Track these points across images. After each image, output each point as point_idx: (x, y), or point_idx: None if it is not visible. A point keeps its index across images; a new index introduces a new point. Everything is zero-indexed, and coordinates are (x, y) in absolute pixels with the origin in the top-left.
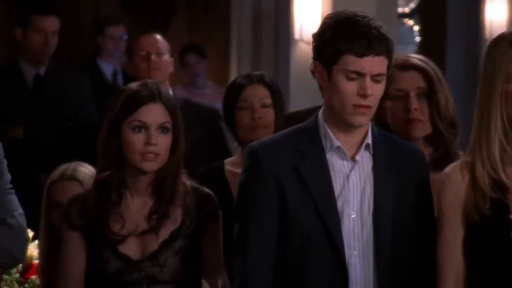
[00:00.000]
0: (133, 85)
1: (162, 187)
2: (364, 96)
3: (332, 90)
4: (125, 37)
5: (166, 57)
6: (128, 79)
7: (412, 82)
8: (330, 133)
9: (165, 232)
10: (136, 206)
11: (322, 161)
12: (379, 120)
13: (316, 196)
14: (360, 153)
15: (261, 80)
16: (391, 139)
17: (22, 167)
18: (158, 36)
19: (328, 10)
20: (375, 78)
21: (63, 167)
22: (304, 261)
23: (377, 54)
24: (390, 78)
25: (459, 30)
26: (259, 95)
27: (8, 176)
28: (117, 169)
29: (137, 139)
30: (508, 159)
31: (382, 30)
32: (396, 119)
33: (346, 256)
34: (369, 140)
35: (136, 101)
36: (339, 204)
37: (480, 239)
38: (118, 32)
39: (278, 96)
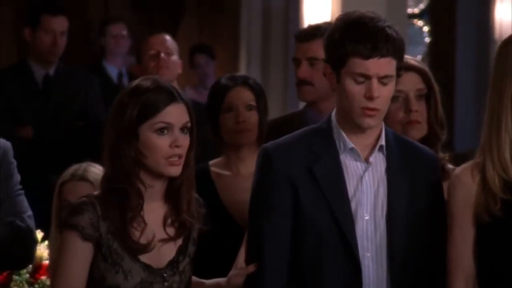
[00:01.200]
0: (145, 84)
1: (179, 192)
2: (370, 98)
3: (341, 92)
4: (126, 35)
5: (175, 57)
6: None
7: (411, 84)
8: (344, 134)
9: (179, 238)
10: (152, 213)
11: (336, 162)
12: None
13: (330, 197)
14: (373, 154)
15: (245, 83)
16: (403, 140)
17: (32, 167)
18: (167, 36)
19: (337, 10)
20: (381, 80)
21: (74, 168)
22: (317, 261)
23: (383, 55)
24: None
25: (469, 30)
26: (244, 97)
27: (17, 177)
28: (135, 176)
29: (162, 142)
30: None
31: (389, 31)
32: (394, 120)
33: (359, 258)
34: (382, 141)
35: (160, 101)
36: (353, 205)
37: (491, 240)
38: (118, 31)
39: (262, 98)
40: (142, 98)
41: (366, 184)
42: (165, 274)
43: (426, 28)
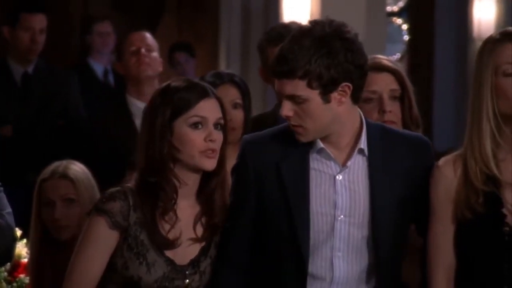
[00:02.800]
0: (177, 82)
1: (213, 195)
2: (288, 118)
3: None
4: (112, 34)
5: (155, 54)
6: (119, 78)
7: (385, 84)
8: None
9: (205, 240)
10: (184, 210)
11: (303, 162)
12: None
13: (291, 197)
14: (352, 157)
15: (232, 80)
16: (392, 132)
17: (11, 165)
18: (148, 34)
19: (316, 9)
20: (293, 99)
21: (54, 165)
22: (277, 258)
23: (280, 78)
24: None
25: (448, 28)
26: (230, 95)
27: None
28: (170, 170)
29: (197, 135)
30: (501, 153)
31: (298, 48)
32: None
33: (311, 255)
34: (361, 145)
35: (194, 96)
36: (326, 206)
37: (473, 235)
38: (105, 29)
39: (247, 96)
40: (176, 95)
41: (341, 185)
42: (187, 272)
43: (405, 26)
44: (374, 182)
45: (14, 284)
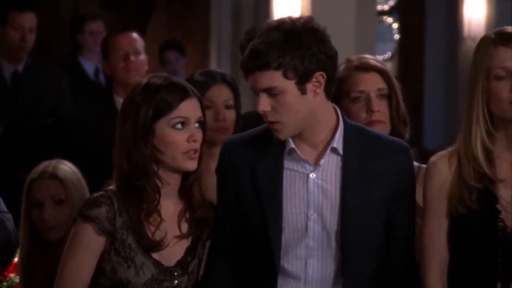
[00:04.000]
0: (157, 80)
1: (192, 188)
2: (265, 115)
3: None
4: (104, 33)
5: (143, 57)
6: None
7: (372, 84)
8: None
9: (191, 236)
10: (168, 210)
11: (278, 161)
12: None
13: (264, 196)
14: (325, 156)
15: (224, 80)
16: (369, 134)
17: (1, 164)
18: (135, 35)
19: (307, 6)
20: (269, 92)
21: (43, 165)
22: (251, 257)
23: (251, 71)
24: (348, 80)
25: (438, 27)
26: (224, 95)
27: None
28: (152, 172)
29: (180, 136)
30: (497, 149)
31: (270, 40)
32: (357, 120)
33: (286, 255)
34: (334, 144)
35: (176, 97)
36: (299, 205)
37: (467, 230)
38: (97, 28)
39: (238, 96)
40: (157, 96)
41: (314, 183)
42: (175, 273)
43: (395, 25)
44: (347, 182)
45: (4, 284)
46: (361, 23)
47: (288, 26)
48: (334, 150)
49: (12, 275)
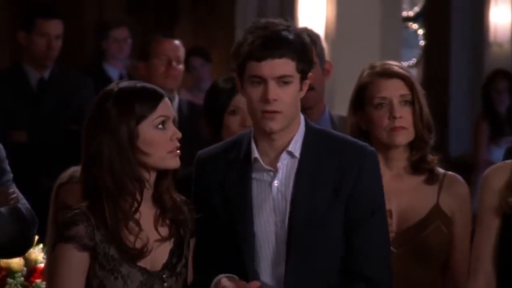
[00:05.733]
0: (125, 87)
1: (162, 194)
2: (267, 101)
3: (246, 99)
4: (129, 40)
5: (182, 66)
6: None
7: (395, 90)
8: (252, 143)
9: (172, 238)
10: (145, 215)
11: (245, 172)
12: (358, 127)
13: (234, 208)
14: (281, 160)
15: None
16: (330, 137)
17: (26, 171)
18: (179, 43)
19: (332, 14)
20: (280, 80)
21: (72, 170)
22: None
23: (276, 57)
24: (372, 87)
25: (464, 33)
26: None
27: (10, 174)
28: (137, 178)
29: (163, 136)
30: None
31: (284, 33)
32: (380, 126)
33: (259, 267)
34: (291, 147)
35: (153, 98)
36: (266, 212)
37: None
38: (121, 35)
39: None
40: (136, 101)
41: (277, 190)
42: (164, 276)
43: (421, 31)
44: (299, 184)
45: None
46: (386, 29)
47: (293, 25)
48: (290, 154)
49: (38, 280)
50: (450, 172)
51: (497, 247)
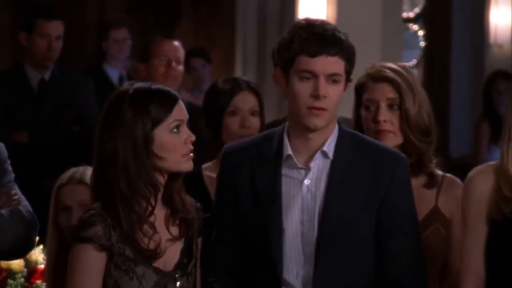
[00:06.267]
0: (140, 88)
1: (172, 195)
2: (317, 97)
3: (290, 94)
4: (129, 41)
5: (182, 67)
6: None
7: (382, 93)
8: (286, 140)
9: (183, 238)
10: (157, 216)
11: (276, 169)
12: (358, 127)
13: (263, 206)
14: (314, 160)
15: (250, 87)
16: (365, 142)
17: (26, 172)
18: (179, 44)
19: (332, 14)
20: (330, 78)
21: (72, 171)
22: (251, 268)
23: (330, 54)
24: (365, 88)
25: (464, 34)
26: (249, 102)
27: (11, 175)
28: (157, 181)
29: (178, 139)
30: None
31: (338, 33)
32: (368, 128)
33: (282, 275)
34: (325, 147)
35: (168, 101)
36: (295, 210)
37: (502, 237)
38: (121, 36)
39: (263, 104)
40: (151, 104)
41: (307, 189)
42: (176, 275)
43: (421, 32)
44: (332, 185)
45: None
46: (386, 31)
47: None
48: (324, 154)
49: (39, 281)
50: (448, 175)
51: (487, 252)
